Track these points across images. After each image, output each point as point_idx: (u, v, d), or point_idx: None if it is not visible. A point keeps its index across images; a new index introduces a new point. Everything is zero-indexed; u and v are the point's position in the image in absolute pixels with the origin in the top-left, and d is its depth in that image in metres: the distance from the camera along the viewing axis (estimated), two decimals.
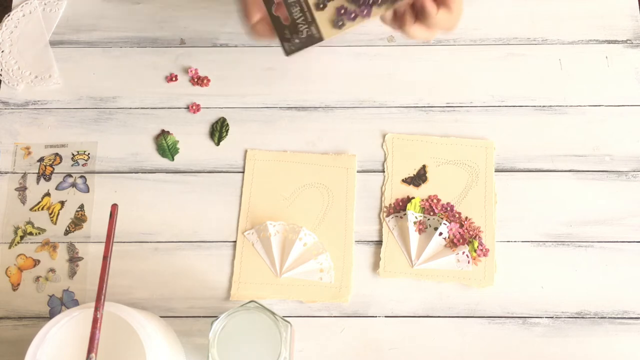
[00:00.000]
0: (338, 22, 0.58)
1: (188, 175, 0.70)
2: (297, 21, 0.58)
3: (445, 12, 0.58)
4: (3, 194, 0.70)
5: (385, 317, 0.65)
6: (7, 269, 0.67)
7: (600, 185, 0.68)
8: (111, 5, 0.77)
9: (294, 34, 0.58)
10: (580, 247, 0.66)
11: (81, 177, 0.70)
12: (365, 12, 0.58)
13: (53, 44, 0.75)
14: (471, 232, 0.67)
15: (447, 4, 0.58)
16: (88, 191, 0.70)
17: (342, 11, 0.58)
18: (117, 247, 0.67)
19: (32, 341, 0.51)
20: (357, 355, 0.64)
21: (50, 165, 0.70)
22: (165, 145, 0.71)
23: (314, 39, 0.58)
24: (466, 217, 0.67)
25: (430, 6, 0.57)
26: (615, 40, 0.74)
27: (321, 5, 0.58)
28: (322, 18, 0.58)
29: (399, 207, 0.68)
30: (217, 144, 0.71)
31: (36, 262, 0.67)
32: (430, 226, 0.67)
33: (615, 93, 0.72)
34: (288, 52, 0.59)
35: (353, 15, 0.58)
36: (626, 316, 0.64)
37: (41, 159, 0.71)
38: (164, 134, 0.71)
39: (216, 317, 0.55)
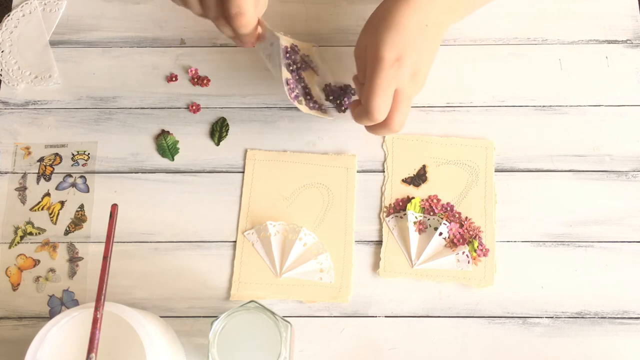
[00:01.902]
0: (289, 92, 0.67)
1: (188, 175, 0.70)
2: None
3: (362, 112, 0.61)
4: (3, 194, 0.70)
5: (385, 317, 0.65)
6: (7, 269, 0.67)
7: (600, 185, 0.68)
8: (111, 5, 0.77)
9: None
10: (580, 247, 0.66)
11: (81, 177, 0.70)
12: (294, 97, 0.67)
13: (53, 44, 0.75)
14: (471, 232, 0.67)
15: (364, 105, 0.60)
16: (88, 191, 0.70)
17: (290, 85, 0.68)
18: (117, 247, 0.67)
19: (32, 341, 0.51)
20: (357, 355, 0.64)
21: (50, 165, 0.70)
22: (165, 145, 0.71)
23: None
24: (466, 217, 0.67)
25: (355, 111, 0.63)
26: (615, 40, 0.74)
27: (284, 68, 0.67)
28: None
29: (399, 207, 0.68)
30: (217, 144, 0.71)
31: (36, 262, 0.67)
32: (430, 226, 0.67)
33: (615, 93, 0.72)
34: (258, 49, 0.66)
35: (295, 94, 0.67)
36: (626, 316, 0.64)
37: (41, 159, 0.71)
38: (164, 134, 0.71)
39: (216, 317, 0.55)
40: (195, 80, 0.73)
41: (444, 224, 0.66)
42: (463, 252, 0.65)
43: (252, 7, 0.56)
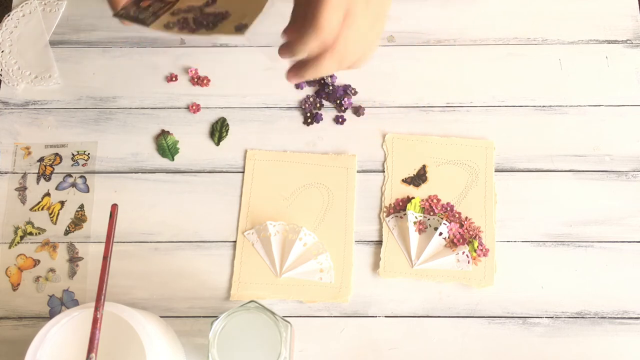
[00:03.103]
0: (169, 24, 0.57)
1: (188, 175, 0.70)
2: (149, 9, 0.58)
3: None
4: (3, 194, 0.70)
5: (385, 317, 0.65)
6: (7, 269, 0.67)
7: (600, 185, 0.68)
8: None
9: (138, 11, 0.58)
10: (580, 247, 0.66)
11: (81, 177, 0.70)
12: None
13: (53, 44, 0.75)
14: (471, 232, 0.67)
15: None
16: (88, 191, 0.70)
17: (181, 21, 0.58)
18: (117, 247, 0.67)
19: (32, 341, 0.51)
20: (357, 355, 0.64)
21: (50, 165, 0.70)
22: (165, 145, 0.71)
23: (144, 23, 0.57)
24: (466, 217, 0.67)
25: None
26: (615, 40, 0.74)
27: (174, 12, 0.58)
28: (164, 19, 0.58)
29: (399, 207, 0.68)
30: (217, 144, 0.71)
31: (36, 262, 0.67)
32: (430, 226, 0.67)
33: (615, 93, 0.72)
34: (119, 15, 0.59)
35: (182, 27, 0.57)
36: (626, 316, 0.64)
37: (41, 159, 0.71)
38: (164, 134, 0.71)
39: (216, 317, 0.55)
40: (195, 80, 0.73)
41: (444, 224, 0.66)
42: (463, 252, 0.65)
43: None
